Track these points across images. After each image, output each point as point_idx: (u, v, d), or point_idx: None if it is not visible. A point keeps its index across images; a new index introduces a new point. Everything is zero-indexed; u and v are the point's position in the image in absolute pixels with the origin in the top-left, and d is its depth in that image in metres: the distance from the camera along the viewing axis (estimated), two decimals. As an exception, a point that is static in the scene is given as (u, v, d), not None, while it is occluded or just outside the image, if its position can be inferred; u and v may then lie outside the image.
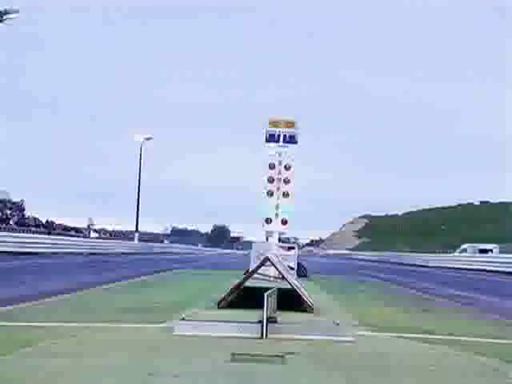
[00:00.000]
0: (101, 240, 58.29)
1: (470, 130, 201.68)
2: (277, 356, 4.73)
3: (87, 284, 11.70)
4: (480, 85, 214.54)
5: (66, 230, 62.22)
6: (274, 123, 15.81)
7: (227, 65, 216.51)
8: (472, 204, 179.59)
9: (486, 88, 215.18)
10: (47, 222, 62.58)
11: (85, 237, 60.36)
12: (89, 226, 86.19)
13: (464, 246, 56.50)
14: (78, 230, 68.59)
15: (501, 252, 48.82)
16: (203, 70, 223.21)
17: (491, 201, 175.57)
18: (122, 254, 43.70)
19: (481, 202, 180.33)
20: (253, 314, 6.20)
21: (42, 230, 53.66)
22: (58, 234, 50.06)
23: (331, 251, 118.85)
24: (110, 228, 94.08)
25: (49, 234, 47.22)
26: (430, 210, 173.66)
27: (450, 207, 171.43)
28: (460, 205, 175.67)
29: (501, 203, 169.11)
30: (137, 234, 59.25)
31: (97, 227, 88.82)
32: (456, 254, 54.89)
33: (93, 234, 72.81)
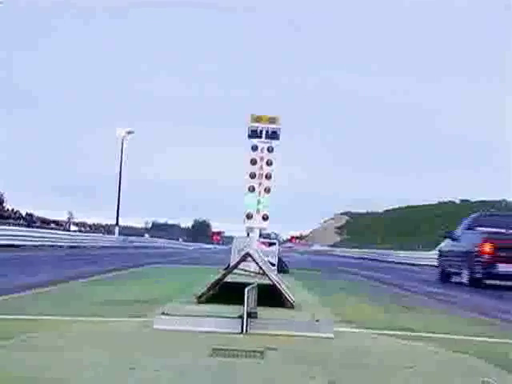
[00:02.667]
0: (81, 233, 58.06)
1: (451, 128, 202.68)
2: (257, 351, 4.73)
3: (66, 277, 11.64)
4: (463, 84, 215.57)
5: (45, 223, 61.85)
6: (257, 119, 15.85)
7: (208, 60, 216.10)
8: (453, 202, 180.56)
9: (469, 88, 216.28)
10: (27, 214, 62.10)
11: (65, 230, 60.02)
12: (69, 219, 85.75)
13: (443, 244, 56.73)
14: (57, 223, 68.11)
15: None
16: (184, 64, 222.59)
17: (471, 199, 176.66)
18: (102, 247, 43.61)
19: (461, 201, 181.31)
20: (233, 310, 6.20)
21: (22, 222, 53.26)
22: (38, 227, 49.76)
23: (312, 247, 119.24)
24: (90, 222, 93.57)
25: (28, 226, 46.92)
26: (410, 207, 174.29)
27: (430, 205, 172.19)
28: (440, 203, 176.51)
29: (481, 202, 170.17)
30: (117, 228, 59.07)
31: (77, 221, 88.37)
32: (435, 251, 55.16)
33: (73, 228, 72.33)
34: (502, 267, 16.13)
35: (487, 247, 16.52)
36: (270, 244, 17.03)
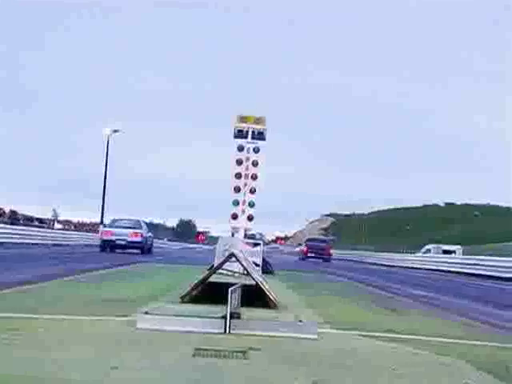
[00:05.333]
0: (65, 231, 57.81)
1: (436, 130, 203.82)
2: (240, 352, 4.72)
3: (50, 275, 11.57)
4: (449, 86, 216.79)
5: (29, 221, 61.59)
6: (243, 119, 15.84)
7: (198, 58, 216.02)
8: (437, 205, 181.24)
9: (455, 89, 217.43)
10: (11, 211, 61.74)
11: (49, 228, 59.77)
12: (53, 217, 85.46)
13: (428, 247, 57.15)
14: (42, 221, 67.81)
15: (464, 253, 49.50)
16: (173, 63, 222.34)
17: (456, 202, 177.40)
18: (87, 245, 43.43)
19: (446, 204, 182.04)
20: (216, 310, 6.19)
21: (5, 219, 52.99)
22: (22, 225, 49.51)
23: (297, 248, 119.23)
24: (75, 220, 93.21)
25: (12, 224, 46.69)
26: (395, 210, 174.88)
27: (415, 208, 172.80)
28: (425, 205, 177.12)
29: (466, 205, 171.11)
30: (101, 227, 58.84)
31: (62, 219, 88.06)
32: (420, 254, 55.49)
33: (57, 226, 72.04)
34: (310, 255, 52.97)
35: (305, 248, 55.53)
36: (255, 244, 17.04)
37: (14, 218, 56.14)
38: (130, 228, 33.08)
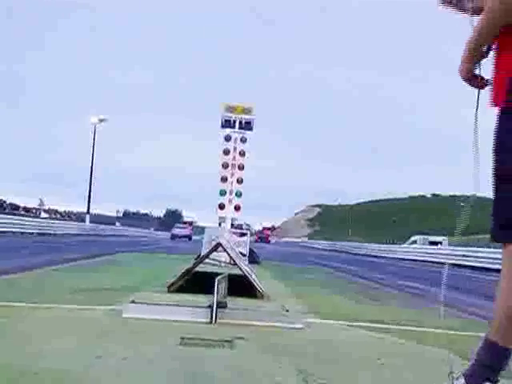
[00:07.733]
0: (51, 221, 57.58)
1: (423, 123, 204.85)
2: (226, 341, 4.72)
3: (35, 264, 11.53)
4: (435, 79, 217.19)
5: (15, 209, 61.38)
6: (231, 109, 15.78)
7: (183, 51, 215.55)
8: (423, 196, 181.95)
9: (440, 83, 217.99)
10: (-4, 200, 61.50)
11: (35, 217, 59.49)
12: (39, 206, 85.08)
13: (414, 238, 57.36)
14: (28, 210, 67.60)
15: (450, 244, 49.72)
16: (159, 55, 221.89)
17: (442, 193, 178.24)
18: (73, 235, 43.31)
19: (432, 195, 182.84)
20: (203, 299, 6.18)
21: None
22: (8, 214, 49.26)
23: (283, 239, 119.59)
24: (61, 209, 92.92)
25: (-3, 212, 46.47)
26: (381, 201, 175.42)
27: (401, 199, 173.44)
28: (411, 197, 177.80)
29: (451, 196, 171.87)
30: (88, 216, 58.72)
31: (48, 208, 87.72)
32: (406, 245, 55.67)
33: (43, 215, 71.72)
34: (258, 240, 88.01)
35: (257, 236, 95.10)
36: (242, 234, 17.04)
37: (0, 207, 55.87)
38: (184, 228, 72.14)
